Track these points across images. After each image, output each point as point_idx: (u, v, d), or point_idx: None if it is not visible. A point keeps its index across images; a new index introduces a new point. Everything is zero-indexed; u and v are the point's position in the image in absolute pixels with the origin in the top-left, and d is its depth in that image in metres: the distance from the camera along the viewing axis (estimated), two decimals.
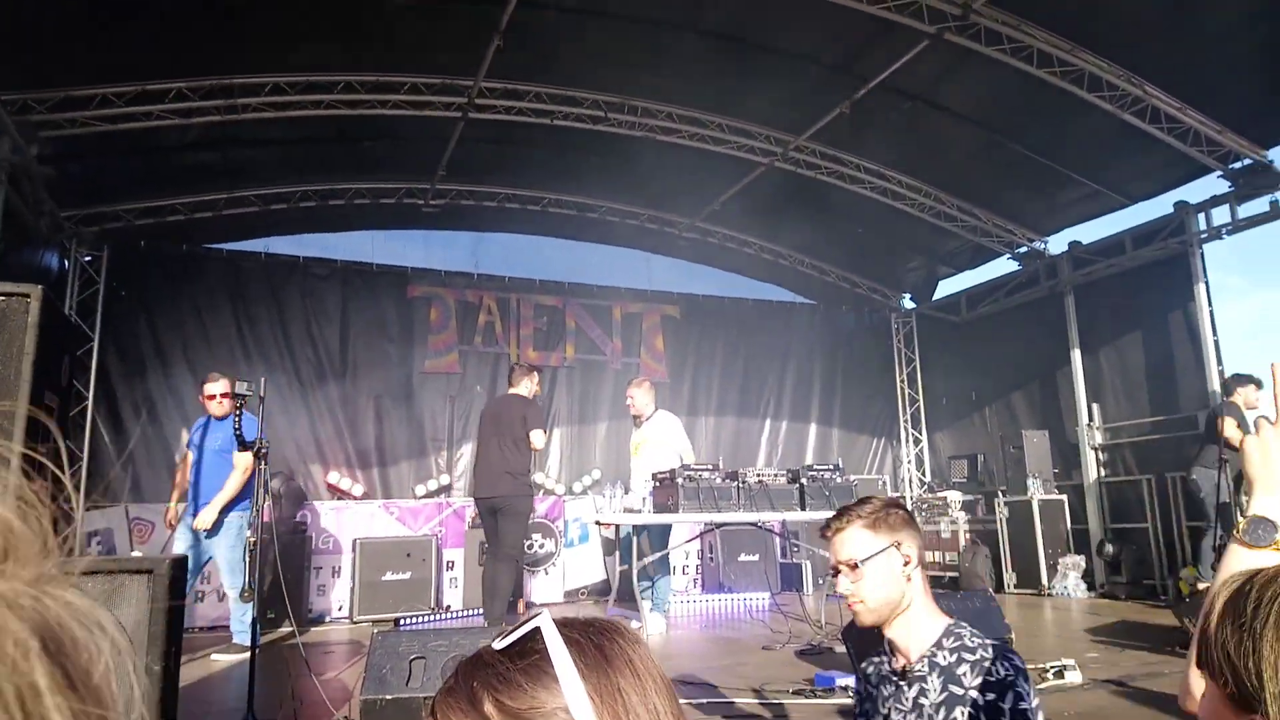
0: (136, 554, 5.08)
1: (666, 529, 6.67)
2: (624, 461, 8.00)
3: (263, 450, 3.97)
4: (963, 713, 1.62)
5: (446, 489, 9.19)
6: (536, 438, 6.40)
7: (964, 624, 1.77)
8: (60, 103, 6.69)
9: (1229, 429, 6.31)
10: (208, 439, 5.75)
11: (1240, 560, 1.06)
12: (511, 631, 0.67)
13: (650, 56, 7.42)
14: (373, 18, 6.64)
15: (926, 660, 1.71)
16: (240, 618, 5.76)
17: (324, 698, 3.82)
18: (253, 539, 3.59)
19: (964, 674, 1.65)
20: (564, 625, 0.67)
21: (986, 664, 1.64)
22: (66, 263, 8.22)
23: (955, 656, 1.68)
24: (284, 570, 5.08)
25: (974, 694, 1.62)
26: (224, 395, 5.70)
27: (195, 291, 8.65)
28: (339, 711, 3.74)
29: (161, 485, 7.68)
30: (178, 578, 2.72)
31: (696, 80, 7.77)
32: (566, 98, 7.93)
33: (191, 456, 5.82)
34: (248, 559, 3.55)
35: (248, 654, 5.49)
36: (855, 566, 1.76)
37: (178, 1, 6.11)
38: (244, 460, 5.55)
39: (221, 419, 5.71)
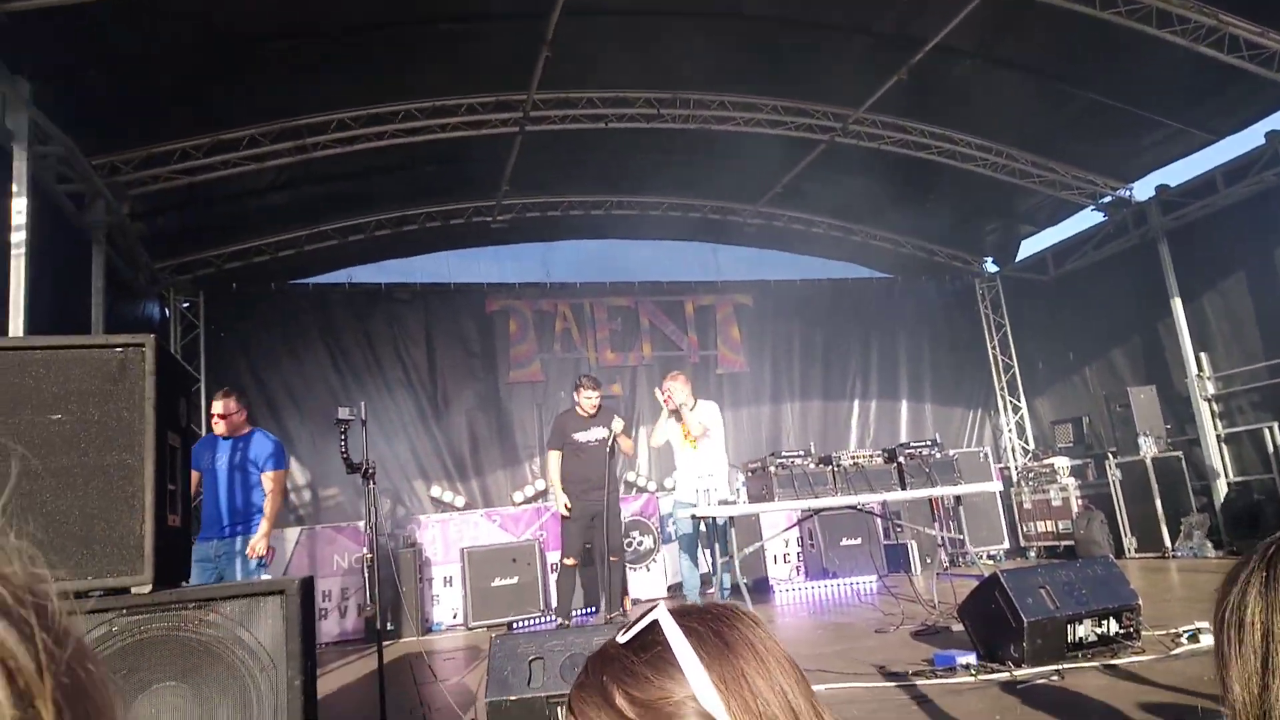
0: (265, 577, 5.27)
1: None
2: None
3: (370, 470, 4.13)
4: None
5: (543, 493, 9.38)
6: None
7: None
8: (144, 161, 7.04)
9: None
10: (219, 458, 5.32)
11: None
12: (632, 625, 0.68)
13: (698, 48, 7.38)
14: (423, 43, 6.79)
15: None
16: None
17: (450, 702, 3.95)
18: (370, 555, 3.74)
19: None
20: (681, 615, 0.68)
21: None
22: (167, 310, 8.72)
23: None
24: (400, 583, 5.23)
25: None
26: (222, 415, 5.31)
27: (288, 326, 9.08)
28: (465, 715, 3.86)
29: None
30: (308, 596, 2.87)
31: (746, 65, 7.72)
32: (618, 99, 7.98)
33: (197, 477, 5.32)
34: (367, 574, 3.69)
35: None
36: None
37: (238, 51, 6.37)
38: (279, 481, 5.42)
39: (229, 438, 5.36)
